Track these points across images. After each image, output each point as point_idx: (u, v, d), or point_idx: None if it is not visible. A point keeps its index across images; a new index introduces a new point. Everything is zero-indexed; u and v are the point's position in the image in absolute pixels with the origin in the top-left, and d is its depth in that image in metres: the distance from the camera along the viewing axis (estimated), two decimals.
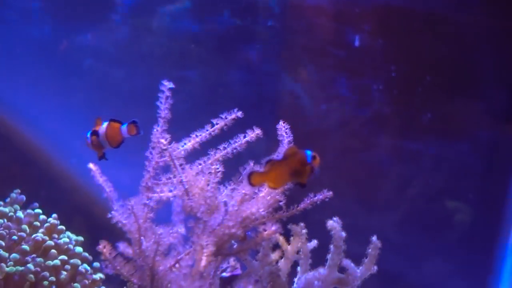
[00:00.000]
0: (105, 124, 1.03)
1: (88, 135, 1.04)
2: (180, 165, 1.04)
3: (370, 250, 1.09)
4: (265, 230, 1.02)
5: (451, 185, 1.87)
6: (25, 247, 1.02)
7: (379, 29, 1.70)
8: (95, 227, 1.31)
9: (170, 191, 1.10)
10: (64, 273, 1.02)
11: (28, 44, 1.87)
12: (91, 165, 1.08)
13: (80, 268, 1.06)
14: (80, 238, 1.13)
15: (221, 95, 1.89)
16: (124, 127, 1.04)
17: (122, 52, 1.90)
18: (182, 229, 1.23)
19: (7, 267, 0.97)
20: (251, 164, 1.03)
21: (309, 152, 1.00)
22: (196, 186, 1.04)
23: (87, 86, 1.90)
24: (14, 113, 1.86)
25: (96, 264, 1.13)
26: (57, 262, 1.03)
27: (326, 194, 1.07)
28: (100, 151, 1.03)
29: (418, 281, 1.87)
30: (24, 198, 1.14)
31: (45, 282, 0.98)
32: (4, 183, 1.45)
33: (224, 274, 1.01)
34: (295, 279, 1.18)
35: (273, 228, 1.02)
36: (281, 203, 1.06)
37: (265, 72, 1.87)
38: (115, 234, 1.10)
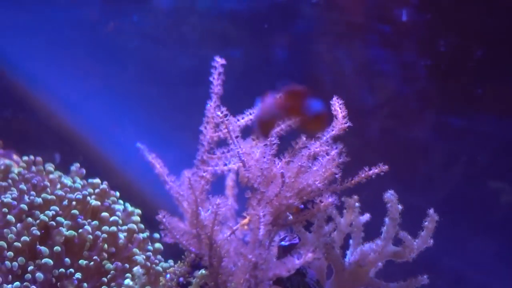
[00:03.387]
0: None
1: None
2: (236, 137, 1.06)
3: (427, 222, 1.08)
4: (321, 202, 1.03)
5: (496, 164, 1.82)
6: (75, 211, 1.06)
7: (427, 2, 1.66)
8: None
9: (225, 164, 1.12)
10: (122, 236, 1.06)
11: (75, 26, 1.92)
12: (139, 144, 1.11)
13: (136, 235, 1.10)
14: (138, 210, 1.18)
15: (265, 73, 1.89)
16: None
17: (167, 33, 1.93)
18: (234, 204, 1.26)
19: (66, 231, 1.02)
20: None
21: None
22: (252, 157, 1.05)
23: (133, 68, 1.94)
24: (60, 96, 1.93)
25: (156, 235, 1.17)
26: (114, 228, 1.06)
27: (382, 167, 1.07)
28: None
29: (460, 262, 1.85)
30: (84, 172, 1.19)
31: (105, 245, 1.02)
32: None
33: (283, 242, 1.02)
34: (348, 252, 1.18)
35: (330, 199, 1.03)
36: (336, 176, 1.06)
37: (309, 50, 1.86)
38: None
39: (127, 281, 0.92)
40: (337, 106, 1.08)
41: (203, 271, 1.01)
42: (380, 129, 1.86)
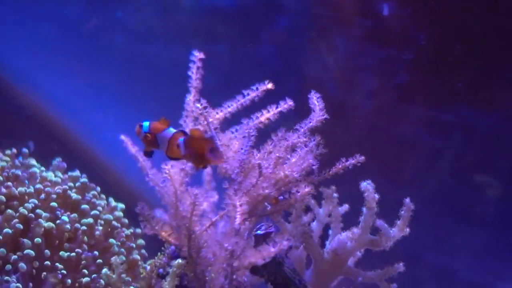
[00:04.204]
0: (172, 130, 0.97)
1: (145, 125, 0.98)
2: (215, 129, 1.07)
3: (403, 212, 1.10)
4: (298, 192, 1.05)
5: (481, 159, 1.84)
6: (54, 203, 1.06)
7: None
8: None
9: None
10: (100, 228, 1.07)
11: (60, 23, 1.92)
12: (122, 137, 1.12)
13: (113, 223, 1.11)
14: (121, 205, 1.18)
15: (249, 68, 1.90)
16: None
17: (151, 29, 1.93)
18: (213, 197, 1.27)
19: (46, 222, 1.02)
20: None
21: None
22: (230, 149, 1.06)
23: (117, 64, 1.94)
24: (45, 92, 1.93)
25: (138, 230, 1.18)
26: (91, 220, 1.07)
27: (359, 158, 1.09)
28: (150, 148, 0.99)
29: (446, 256, 1.87)
30: (65, 165, 1.20)
31: (85, 238, 1.03)
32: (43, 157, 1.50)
33: (259, 231, 1.04)
34: (327, 242, 1.20)
35: (306, 189, 1.04)
36: (314, 167, 1.08)
37: (292, 45, 1.87)
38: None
39: (105, 270, 0.93)
40: (315, 99, 1.10)
41: (179, 260, 1.01)
42: (365, 124, 1.87)
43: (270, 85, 1.10)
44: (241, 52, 1.93)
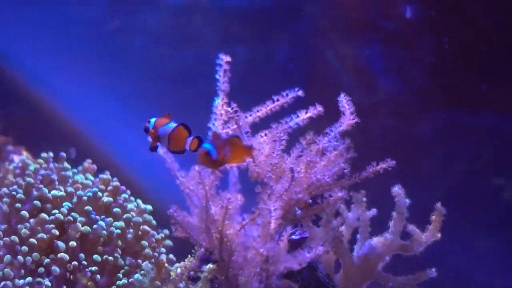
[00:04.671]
0: (173, 125, 0.98)
1: (151, 121, 0.98)
2: (246, 133, 1.07)
3: (434, 216, 1.10)
4: (331, 196, 1.05)
5: (499, 161, 1.83)
6: (88, 207, 1.07)
7: None
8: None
9: None
10: (131, 230, 1.08)
11: (80, 23, 1.92)
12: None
13: (144, 227, 1.12)
14: (149, 207, 1.19)
15: (268, 70, 1.90)
16: (189, 139, 0.98)
17: (172, 30, 1.94)
18: (240, 200, 1.27)
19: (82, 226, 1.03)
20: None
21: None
22: (261, 153, 1.07)
23: (138, 65, 1.95)
24: (64, 93, 1.94)
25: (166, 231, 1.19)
26: (122, 224, 1.08)
27: (390, 163, 1.09)
28: (155, 143, 0.99)
29: (461, 259, 1.86)
30: (96, 167, 1.20)
31: (119, 242, 1.04)
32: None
33: (293, 236, 1.04)
34: (355, 246, 1.20)
35: (340, 194, 1.04)
36: (345, 171, 1.08)
37: (312, 47, 1.87)
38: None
39: (137, 276, 0.94)
40: (345, 102, 1.10)
41: (211, 265, 1.02)
42: (383, 127, 1.87)
43: (300, 92, 1.10)
44: (260, 54, 1.93)
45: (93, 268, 1.01)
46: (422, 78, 1.81)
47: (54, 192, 1.07)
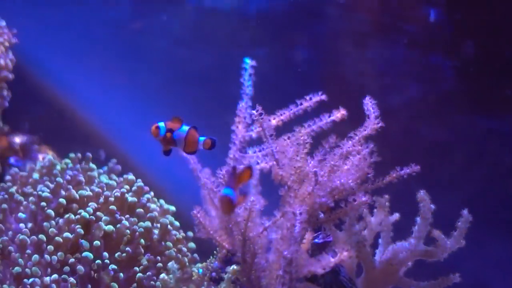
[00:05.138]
0: (185, 128, 1.02)
1: (162, 126, 1.01)
2: (270, 135, 1.08)
3: (460, 223, 1.09)
4: (355, 200, 1.04)
5: None
6: (113, 207, 1.09)
7: (455, 2, 1.65)
8: None
9: (257, 163, 1.14)
10: (156, 232, 1.09)
11: (104, 25, 1.95)
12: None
13: (168, 227, 1.13)
14: (172, 208, 1.20)
15: (288, 72, 1.90)
16: (201, 140, 1.03)
17: (194, 33, 1.95)
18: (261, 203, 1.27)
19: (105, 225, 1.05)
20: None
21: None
22: (285, 156, 1.07)
23: (160, 67, 1.97)
24: (86, 95, 1.97)
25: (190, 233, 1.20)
26: (148, 223, 1.09)
27: (414, 168, 1.08)
28: (168, 147, 1.02)
29: (483, 263, 1.83)
30: (120, 168, 1.22)
31: (141, 240, 1.05)
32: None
33: (316, 240, 1.04)
34: (377, 251, 1.19)
35: (364, 198, 1.04)
36: (369, 175, 1.08)
37: (333, 50, 1.86)
38: None
39: (163, 275, 0.95)
40: (370, 106, 1.10)
41: (234, 266, 1.02)
42: (404, 130, 1.85)
43: (323, 97, 1.10)
44: (281, 57, 1.93)
45: (115, 267, 1.02)
46: (445, 82, 1.79)
47: (81, 192, 1.08)
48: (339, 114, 1.10)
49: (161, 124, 1.02)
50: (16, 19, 1.56)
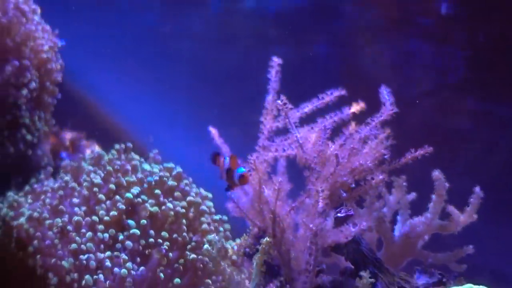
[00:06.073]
0: (243, 170, 1.12)
1: (227, 161, 1.13)
2: (294, 123, 1.19)
3: (472, 199, 1.18)
4: (373, 179, 1.15)
5: None
6: (158, 191, 1.22)
7: None
8: None
9: (284, 150, 1.26)
10: (192, 211, 1.22)
11: (135, 30, 2.09)
12: (211, 128, 1.27)
13: (203, 207, 1.26)
14: (210, 194, 1.33)
15: (307, 69, 2.01)
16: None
17: (217, 34, 2.08)
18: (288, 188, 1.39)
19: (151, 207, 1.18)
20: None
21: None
22: (308, 141, 1.18)
23: (188, 67, 2.10)
24: (118, 97, 2.11)
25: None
26: (184, 203, 1.22)
27: (427, 149, 1.18)
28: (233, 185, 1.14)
29: (497, 249, 1.88)
30: (161, 158, 1.36)
31: (183, 220, 1.18)
32: None
33: (339, 214, 1.15)
34: (395, 227, 1.30)
35: (381, 177, 1.14)
36: (385, 156, 1.18)
37: (350, 45, 1.96)
38: None
39: (206, 246, 1.07)
40: (385, 94, 1.20)
41: (267, 238, 1.12)
42: (422, 120, 1.93)
43: (342, 92, 1.21)
44: (299, 54, 2.03)
45: (165, 245, 1.15)
46: (458, 72, 1.87)
47: (127, 178, 1.22)
48: (359, 106, 1.21)
49: (226, 159, 1.13)
50: (53, 25, 1.69)
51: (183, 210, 1.19)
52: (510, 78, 1.77)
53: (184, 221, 1.19)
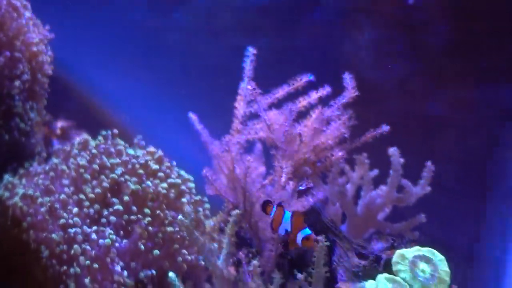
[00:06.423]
0: (308, 231, 1.09)
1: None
2: (264, 108, 1.31)
3: (425, 173, 1.29)
4: (333, 156, 1.26)
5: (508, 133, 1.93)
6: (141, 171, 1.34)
7: None
8: None
9: (256, 133, 1.37)
10: (173, 191, 1.33)
11: (123, 26, 2.20)
12: (191, 114, 1.38)
13: (183, 187, 1.37)
14: (191, 177, 1.44)
15: (289, 60, 2.11)
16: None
17: (203, 26, 2.18)
18: (262, 169, 1.50)
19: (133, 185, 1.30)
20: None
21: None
22: (276, 122, 1.29)
23: (175, 61, 2.20)
24: (109, 90, 2.22)
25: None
26: (165, 184, 1.34)
27: (384, 128, 1.29)
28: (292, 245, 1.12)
29: (477, 230, 1.98)
30: (145, 143, 1.47)
31: (163, 199, 1.30)
32: None
33: (300, 187, 1.26)
34: (359, 201, 1.41)
35: (340, 153, 1.26)
36: (345, 135, 1.29)
37: (326, 35, 2.06)
38: None
39: (180, 217, 1.18)
40: (348, 79, 1.31)
41: (237, 210, 1.23)
42: (398, 107, 2.03)
43: (311, 77, 1.32)
44: (280, 45, 2.13)
45: (146, 220, 1.27)
46: (429, 60, 1.96)
47: (112, 160, 1.34)
48: (324, 91, 1.32)
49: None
50: (45, 20, 1.79)
51: (164, 191, 1.30)
52: (484, 62, 1.86)
53: (164, 200, 1.30)
